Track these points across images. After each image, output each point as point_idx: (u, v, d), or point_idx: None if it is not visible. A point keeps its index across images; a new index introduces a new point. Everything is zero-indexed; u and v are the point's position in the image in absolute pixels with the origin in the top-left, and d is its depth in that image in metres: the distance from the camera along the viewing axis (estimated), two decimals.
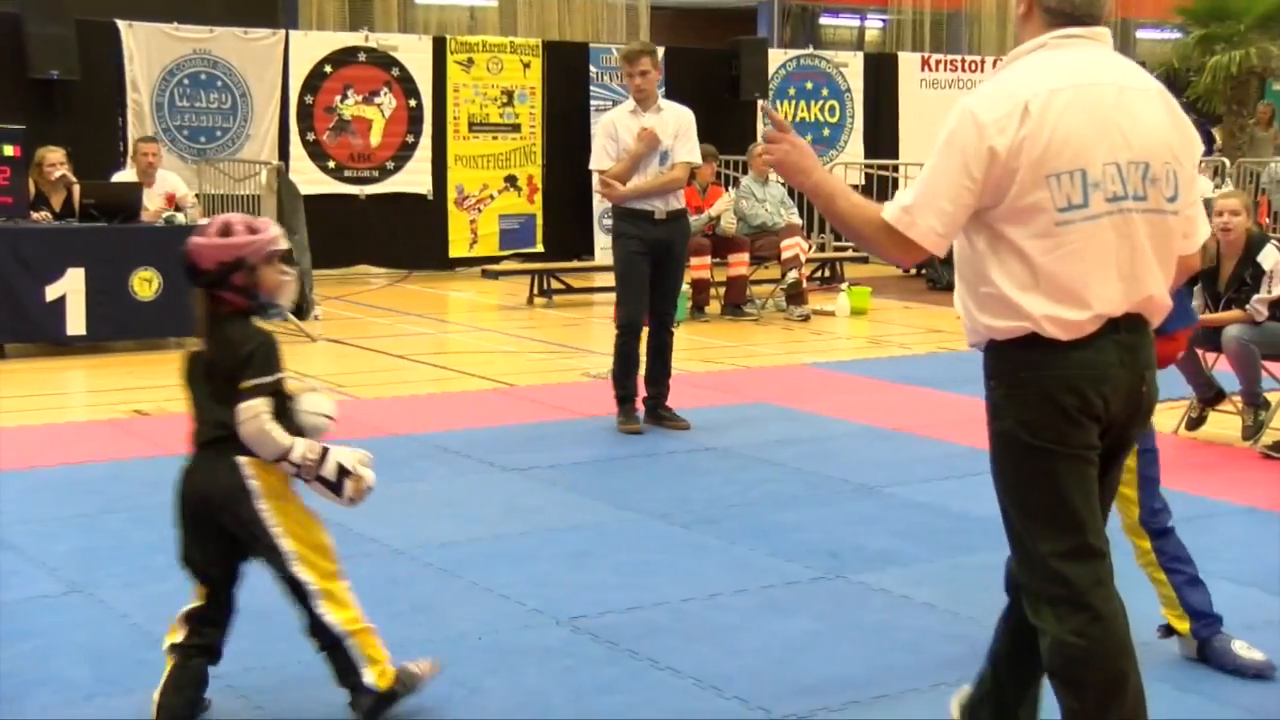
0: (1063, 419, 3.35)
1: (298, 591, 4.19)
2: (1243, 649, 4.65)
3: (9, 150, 10.49)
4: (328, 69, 15.91)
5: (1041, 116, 3.30)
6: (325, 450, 4.15)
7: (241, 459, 4.10)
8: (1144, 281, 3.40)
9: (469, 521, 6.35)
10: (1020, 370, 3.39)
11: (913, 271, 17.04)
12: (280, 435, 4.06)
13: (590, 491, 6.87)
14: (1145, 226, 3.38)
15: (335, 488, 4.21)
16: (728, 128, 16.65)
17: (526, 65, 17.04)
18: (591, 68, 17.12)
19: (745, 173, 14.63)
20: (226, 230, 4.16)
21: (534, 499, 6.77)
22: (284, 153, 15.44)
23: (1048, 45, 3.43)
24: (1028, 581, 3.45)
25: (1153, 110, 3.43)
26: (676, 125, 8.28)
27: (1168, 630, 4.74)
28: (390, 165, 16.31)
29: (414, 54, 16.41)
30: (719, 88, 17.53)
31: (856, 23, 25.65)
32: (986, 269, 3.40)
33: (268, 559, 4.17)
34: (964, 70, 19.48)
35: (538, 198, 17.16)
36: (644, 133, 8.06)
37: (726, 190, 14.10)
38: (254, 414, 4.05)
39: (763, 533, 6.02)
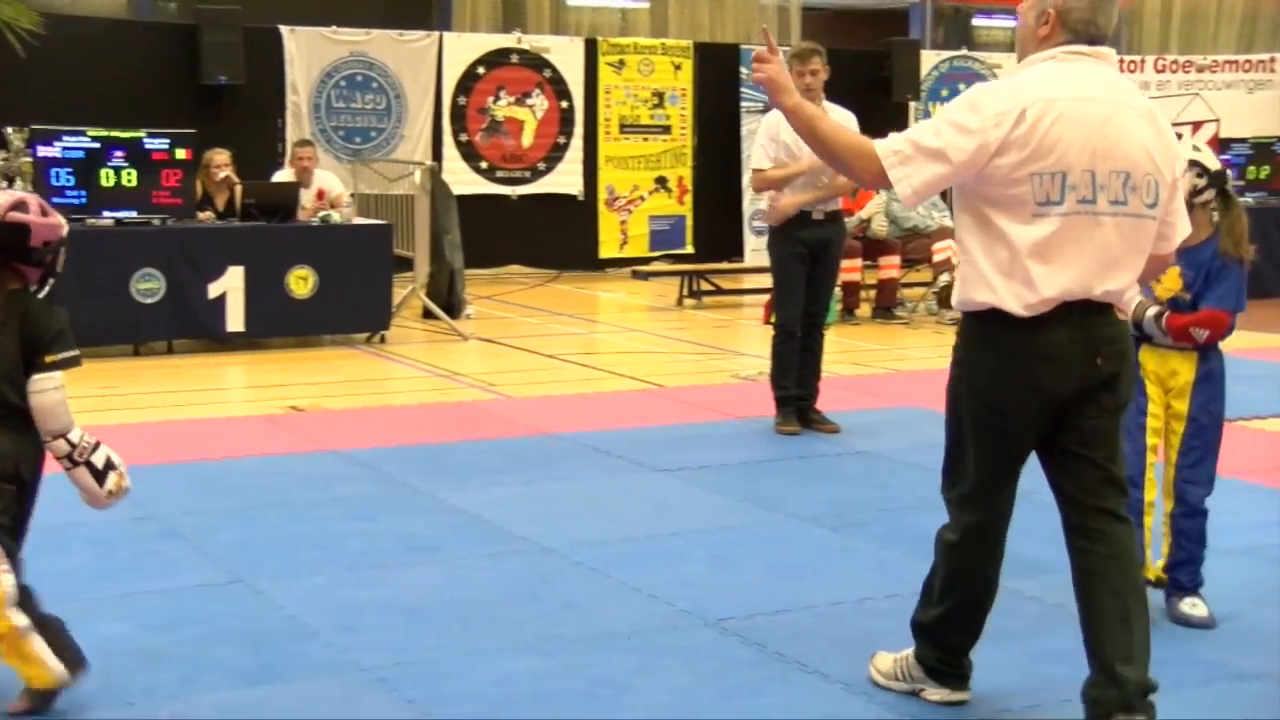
0: (1008, 390, 3.92)
1: None
2: (1189, 606, 5.05)
3: (180, 154, 10.75)
4: (480, 70, 16.10)
5: (1036, 121, 3.77)
6: (96, 441, 4.27)
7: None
8: (1103, 274, 3.86)
9: (618, 521, 6.37)
10: (982, 339, 3.96)
11: None
12: (70, 412, 4.22)
13: (739, 493, 6.85)
14: (1121, 227, 3.85)
15: (100, 477, 4.26)
16: (879, 129, 16.44)
17: (677, 67, 17.08)
18: (742, 69, 17.09)
19: None
20: (43, 210, 4.29)
21: (682, 500, 6.77)
22: (437, 153, 15.66)
23: (1057, 58, 3.90)
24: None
25: (1140, 128, 3.87)
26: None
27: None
28: (541, 166, 16.44)
29: (566, 55, 16.53)
30: (871, 89, 17.39)
31: (1011, 23, 25.25)
32: (972, 249, 3.93)
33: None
34: (1123, 70, 19.08)
35: (688, 199, 17.19)
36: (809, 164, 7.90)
37: (878, 193, 13.96)
38: (57, 384, 4.17)
39: (913, 537, 5.93)
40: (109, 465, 4.28)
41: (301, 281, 11.05)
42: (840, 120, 8.07)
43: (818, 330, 8.27)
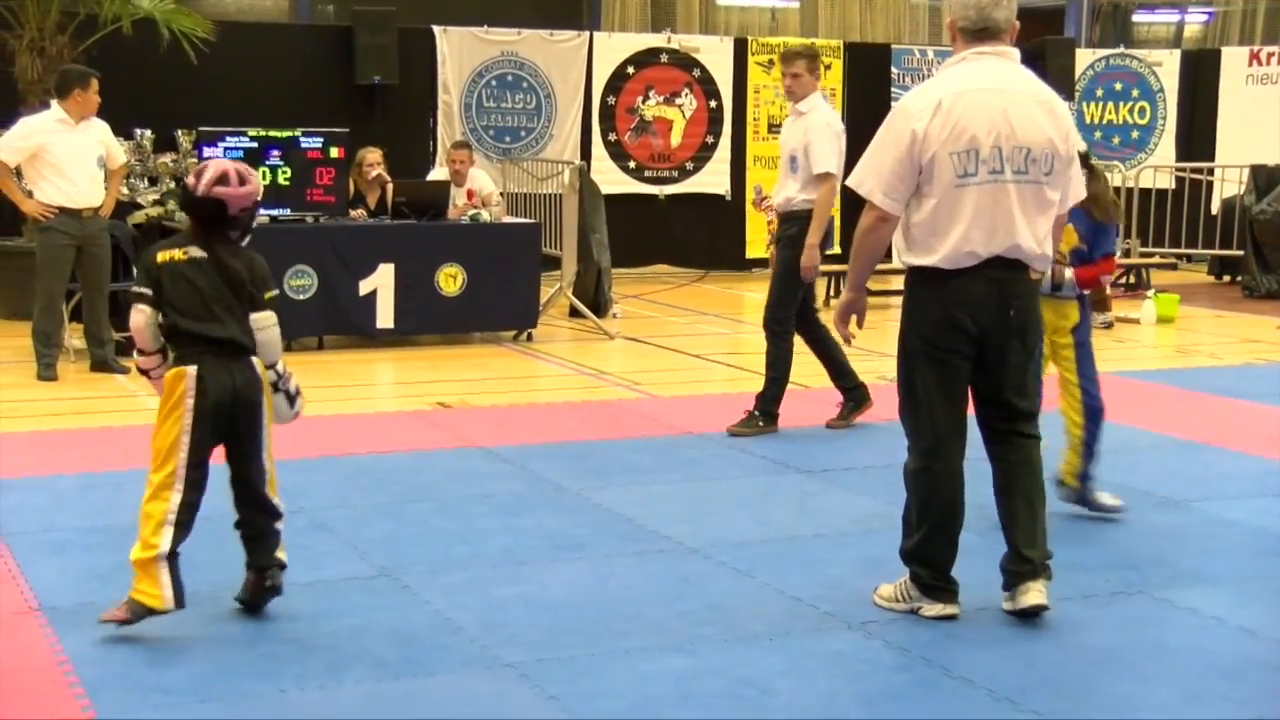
0: (941, 328, 4.86)
1: (258, 476, 4.88)
2: (1106, 497, 6.33)
3: (334, 152, 10.94)
4: (630, 70, 16.14)
5: (949, 110, 4.73)
6: (290, 371, 5.05)
7: (254, 359, 4.84)
8: (1011, 233, 4.80)
9: (762, 522, 6.33)
10: (920, 290, 4.93)
11: (1226, 279, 16.35)
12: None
13: (884, 496, 6.75)
14: (1024, 193, 4.80)
15: (292, 400, 5.03)
16: None
17: (827, 66, 16.95)
18: (893, 69, 16.93)
19: None
20: (242, 179, 4.80)
21: (827, 501, 6.72)
22: (586, 152, 15.73)
23: (967, 59, 4.87)
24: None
25: (1035, 111, 4.82)
26: (804, 132, 8.15)
27: (1059, 483, 6.24)
28: (690, 166, 16.44)
29: (715, 55, 16.51)
30: None
31: (1174, 18, 24.67)
32: (910, 215, 4.85)
33: (250, 448, 4.85)
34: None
35: (837, 200, 17.03)
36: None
37: None
38: (275, 321, 4.90)
39: (1059, 544, 5.81)
40: (297, 392, 5.07)
41: (451, 279, 11.17)
42: (822, 121, 8.19)
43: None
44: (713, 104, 16.42)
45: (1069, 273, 6.17)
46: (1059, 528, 5.93)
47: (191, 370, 4.68)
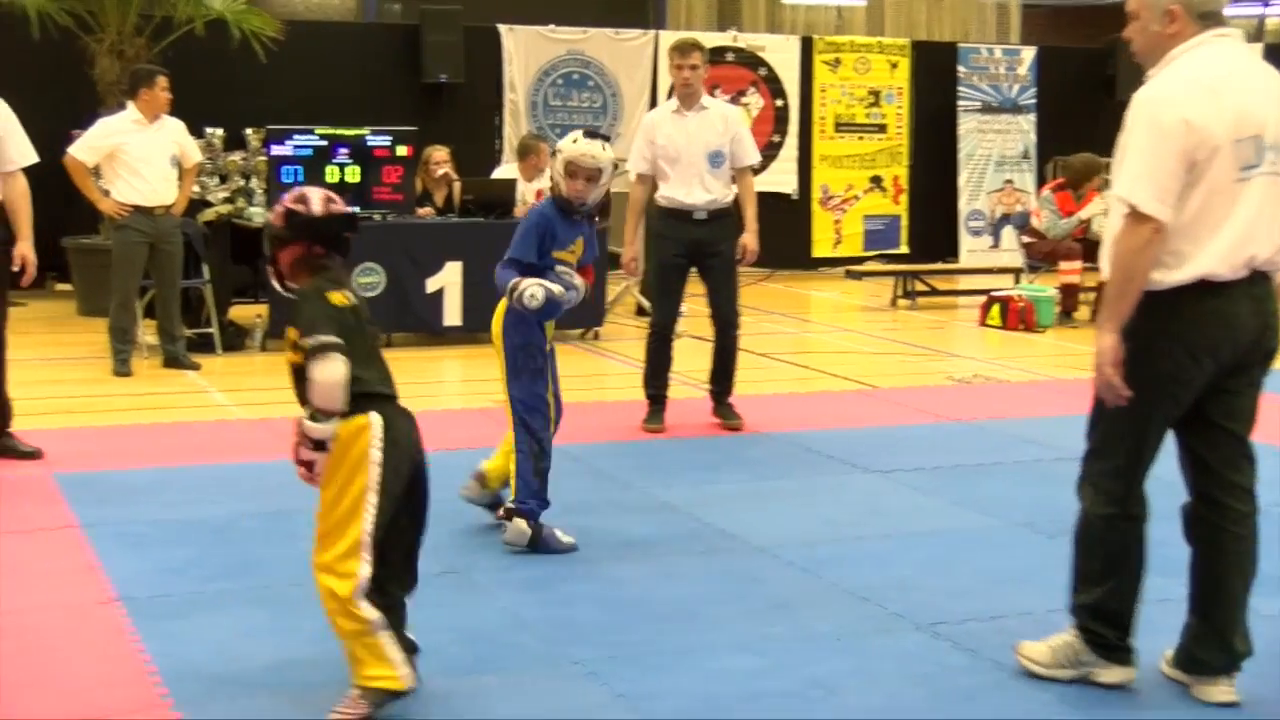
0: (1186, 361, 4.10)
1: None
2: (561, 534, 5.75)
3: (401, 150, 11.01)
4: None
5: (1222, 92, 4.02)
6: None
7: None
8: (1274, 235, 4.13)
9: (829, 522, 6.33)
10: (1161, 314, 4.08)
11: None
12: None
13: (952, 496, 6.75)
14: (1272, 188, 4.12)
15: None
16: (1103, 129, 16.10)
17: (894, 65, 16.90)
18: (960, 68, 16.84)
19: None
20: (329, 199, 4.26)
21: (895, 501, 6.70)
22: None
23: (1207, 42, 4.13)
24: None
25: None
26: (726, 125, 8.06)
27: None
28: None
29: (781, 54, 16.49)
30: (1094, 88, 17.00)
31: (1257, 10, 24.31)
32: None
33: (426, 511, 4.35)
34: None
35: (903, 199, 17.01)
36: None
37: (1100, 195, 13.64)
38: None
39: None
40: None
41: None
42: (724, 115, 8.13)
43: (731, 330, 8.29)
44: (779, 103, 16.40)
45: None
46: None
47: (376, 419, 4.05)
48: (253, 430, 7.94)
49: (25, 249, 7.10)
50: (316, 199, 4.19)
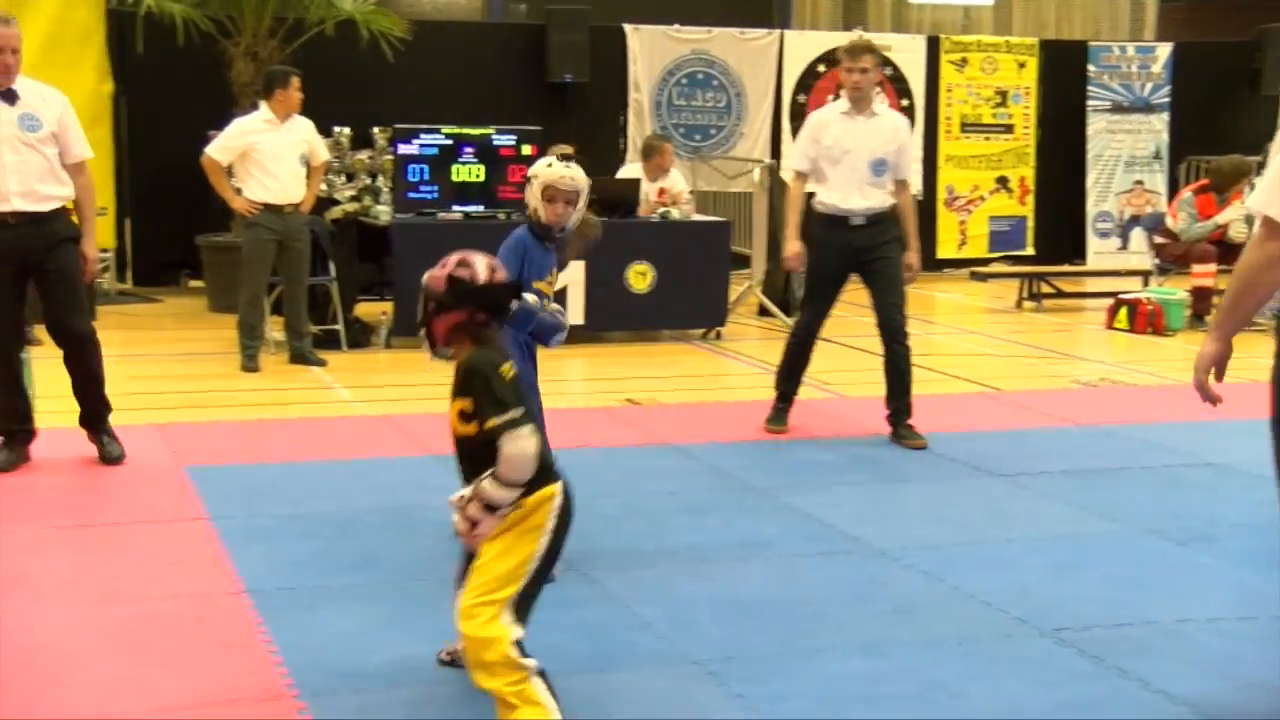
0: None
1: None
2: None
3: (526, 150, 11.08)
4: (820, 68, 16.06)
5: None
6: None
7: None
8: None
9: (952, 525, 6.26)
10: None
11: None
12: None
13: (1077, 501, 6.65)
14: None
15: None
16: (1247, 126, 15.79)
17: (1021, 65, 16.69)
18: (1090, 67, 16.59)
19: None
20: (493, 267, 4.08)
21: (1019, 506, 6.61)
22: (776, 151, 15.69)
23: None
24: None
25: None
26: (895, 134, 7.85)
27: None
28: None
29: (907, 54, 16.36)
30: (1237, 83, 16.64)
31: None
32: None
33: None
34: None
35: (1029, 199, 16.79)
36: None
37: (1242, 198, 13.35)
38: None
39: (1270, 557, 5.64)
40: None
41: (640, 277, 11.24)
42: (894, 124, 7.89)
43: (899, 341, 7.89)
44: (904, 103, 16.25)
45: None
46: None
47: (559, 494, 4.04)
48: (377, 426, 8.04)
49: (86, 246, 6.90)
50: (481, 266, 4.03)
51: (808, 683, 4.43)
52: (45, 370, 9.72)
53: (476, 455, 3.93)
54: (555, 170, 5.52)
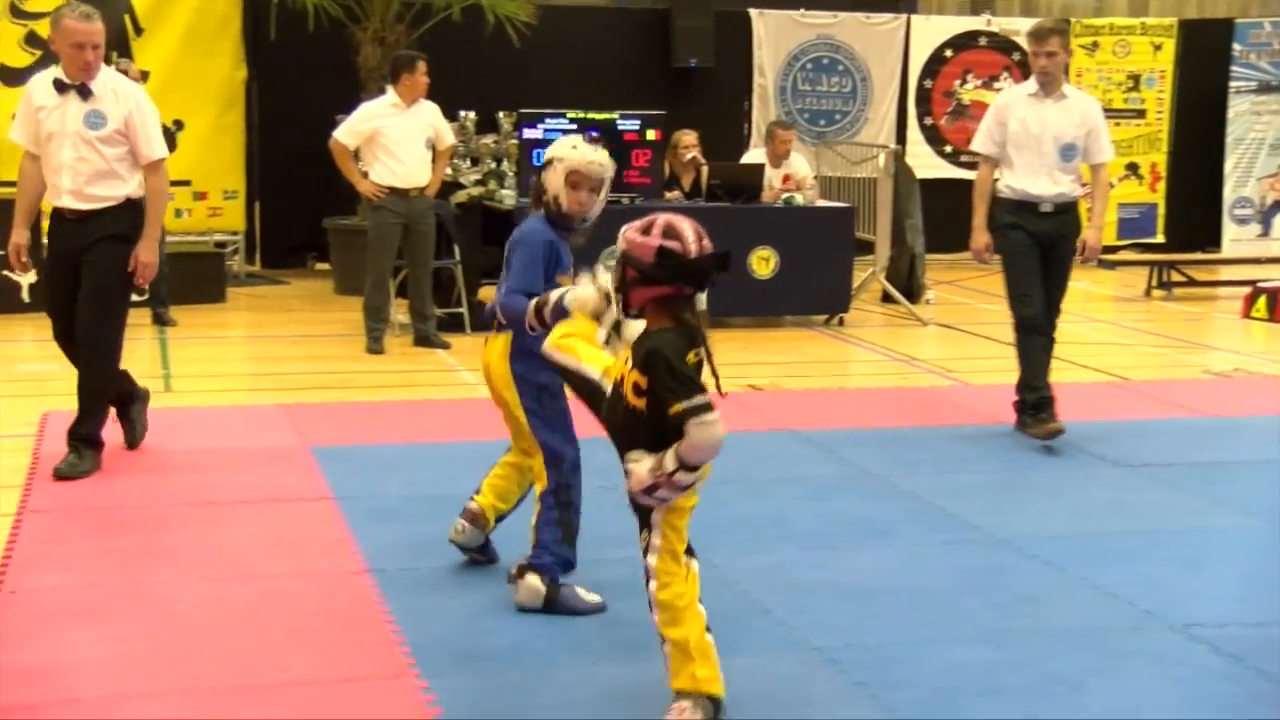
0: None
1: None
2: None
3: (650, 134, 11.08)
4: (948, 53, 15.91)
5: None
6: None
7: None
8: None
9: (1076, 516, 6.16)
10: None
11: None
12: None
13: (1208, 494, 6.51)
14: None
15: None
16: None
17: (1157, 47, 16.36)
18: (1235, 46, 16.18)
19: None
20: (700, 234, 3.94)
21: (1146, 497, 6.49)
22: (901, 136, 15.58)
23: None
24: None
25: None
26: (1085, 118, 7.57)
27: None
28: None
29: None
30: None
31: None
32: None
33: None
34: None
35: (1160, 186, 16.47)
36: None
37: None
38: None
39: None
40: None
41: (764, 262, 11.20)
42: (1084, 107, 7.58)
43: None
44: None
45: None
46: None
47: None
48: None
49: (144, 248, 6.43)
50: (690, 235, 3.84)
51: (927, 671, 4.39)
52: (180, 350, 9.94)
53: (638, 428, 3.93)
54: (582, 153, 4.93)
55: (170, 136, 11.86)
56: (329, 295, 12.82)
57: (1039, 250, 7.53)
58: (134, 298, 10.91)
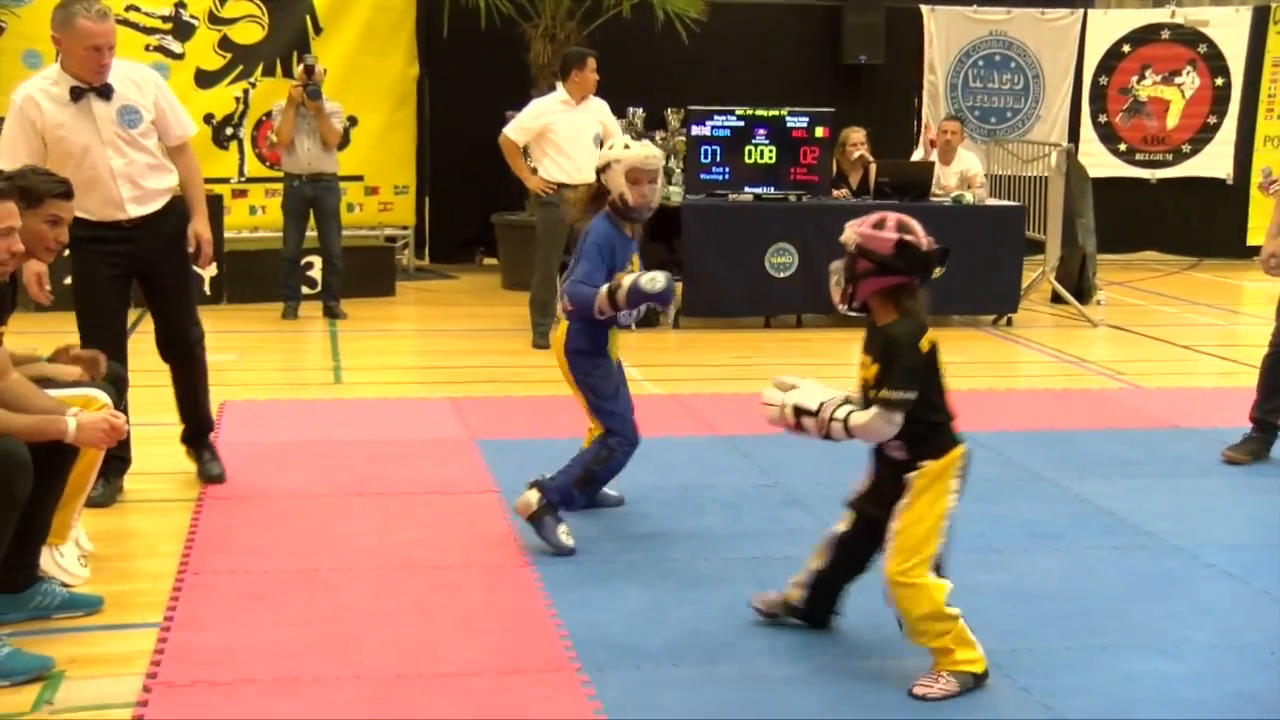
0: None
1: None
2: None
3: (819, 132, 11.02)
4: (1125, 48, 15.55)
5: None
6: None
7: None
8: None
9: (1260, 525, 5.97)
10: None
11: None
12: None
13: None
14: None
15: None
16: None
17: None
18: None
19: None
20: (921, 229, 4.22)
21: None
22: (1074, 134, 15.28)
23: None
24: None
25: None
26: None
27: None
28: (1186, 148, 15.71)
29: (1227, 28, 15.66)
30: None
31: None
32: None
33: None
34: None
35: None
36: None
37: None
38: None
39: None
40: None
41: None
42: None
43: None
44: (1219, 81, 15.59)
45: None
46: None
47: (963, 454, 4.24)
48: (664, 406, 8.10)
49: (199, 226, 6.06)
50: (919, 229, 4.16)
51: (1098, 680, 4.29)
52: (350, 342, 10.13)
53: None
54: (636, 151, 5.40)
55: (346, 133, 12.14)
56: (496, 290, 12.95)
57: None
58: (305, 290, 11.19)
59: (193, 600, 4.84)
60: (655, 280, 5.26)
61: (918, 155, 12.75)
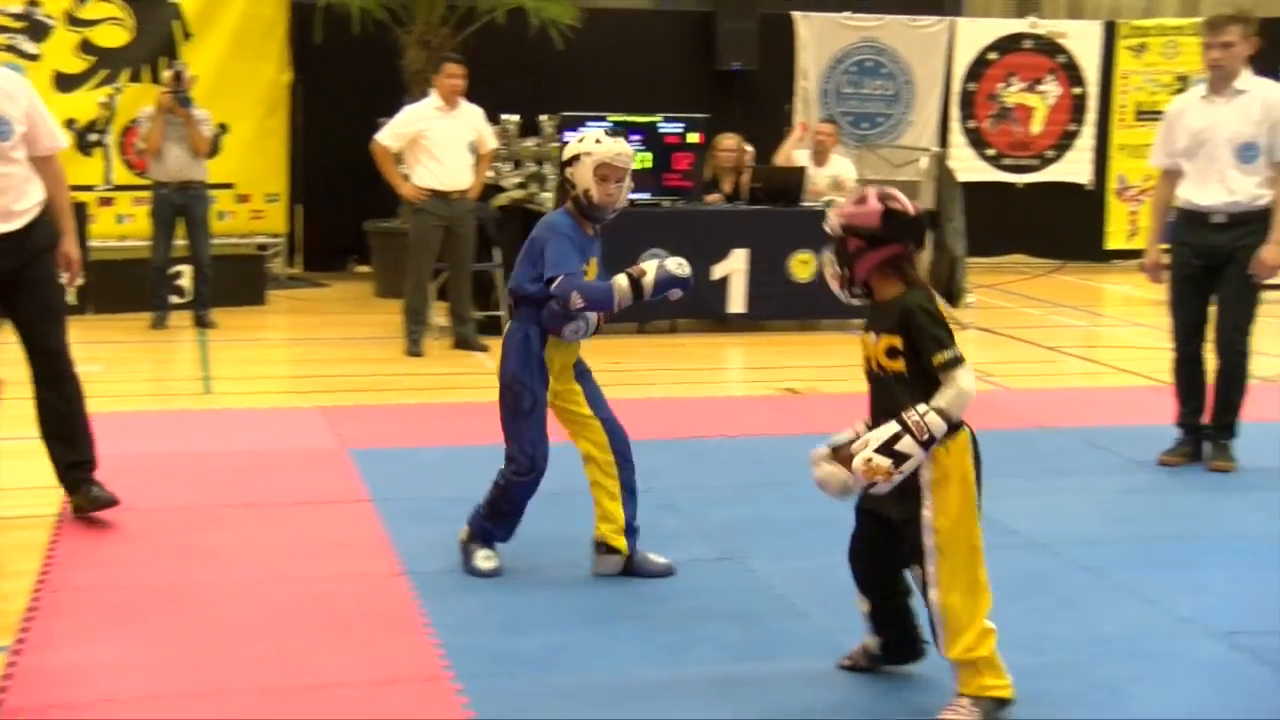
0: None
1: None
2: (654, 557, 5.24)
3: (693, 138, 11.08)
4: (991, 56, 15.84)
5: None
6: None
7: None
8: None
9: (1118, 521, 6.11)
10: None
11: None
12: None
13: (1253, 500, 6.44)
14: None
15: None
16: None
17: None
18: None
19: None
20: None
21: (1188, 502, 6.44)
22: (943, 140, 15.52)
23: None
24: None
25: None
26: (1266, 112, 6.73)
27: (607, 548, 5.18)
28: (1050, 154, 16.04)
29: (1082, 40, 16.04)
30: None
31: None
32: None
33: None
34: None
35: None
36: None
37: None
38: None
39: None
40: None
41: (803, 265, 11.17)
42: (1265, 100, 6.74)
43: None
44: (1076, 90, 15.94)
45: None
46: None
47: (969, 435, 4.21)
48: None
49: (69, 246, 5.76)
50: (902, 196, 4.07)
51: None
52: (220, 352, 9.99)
53: (897, 396, 4.07)
54: (608, 146, 5.12)
55: (216, 140, 11.98)
56: (369, 298, 12.86)
57: (1204, 272, 6.88)
58: (174, 300, 11.02)
59: (49, 620, 4.73)
60: (683, 265, 5.08)
61: (789, 143, 12.79)
